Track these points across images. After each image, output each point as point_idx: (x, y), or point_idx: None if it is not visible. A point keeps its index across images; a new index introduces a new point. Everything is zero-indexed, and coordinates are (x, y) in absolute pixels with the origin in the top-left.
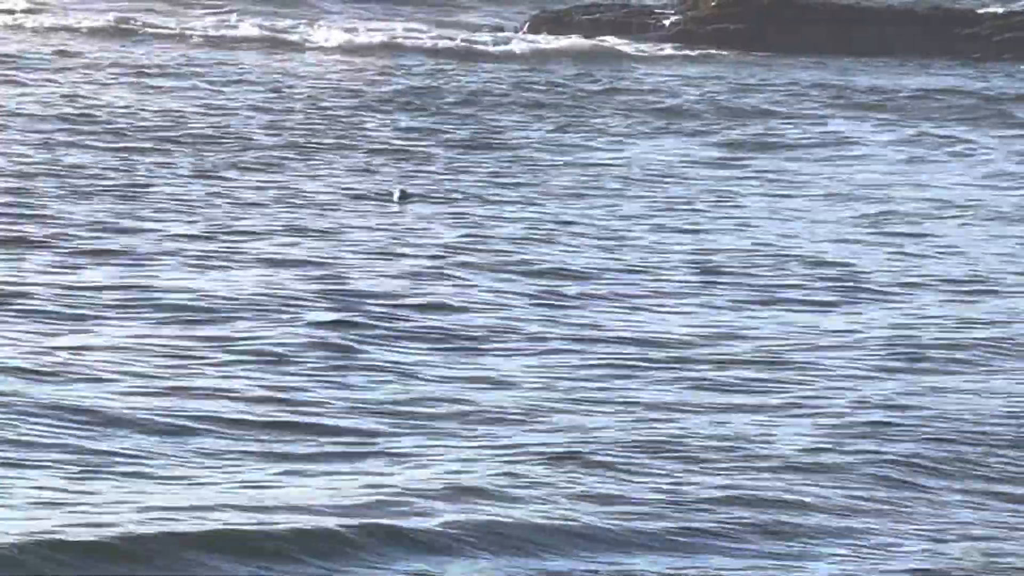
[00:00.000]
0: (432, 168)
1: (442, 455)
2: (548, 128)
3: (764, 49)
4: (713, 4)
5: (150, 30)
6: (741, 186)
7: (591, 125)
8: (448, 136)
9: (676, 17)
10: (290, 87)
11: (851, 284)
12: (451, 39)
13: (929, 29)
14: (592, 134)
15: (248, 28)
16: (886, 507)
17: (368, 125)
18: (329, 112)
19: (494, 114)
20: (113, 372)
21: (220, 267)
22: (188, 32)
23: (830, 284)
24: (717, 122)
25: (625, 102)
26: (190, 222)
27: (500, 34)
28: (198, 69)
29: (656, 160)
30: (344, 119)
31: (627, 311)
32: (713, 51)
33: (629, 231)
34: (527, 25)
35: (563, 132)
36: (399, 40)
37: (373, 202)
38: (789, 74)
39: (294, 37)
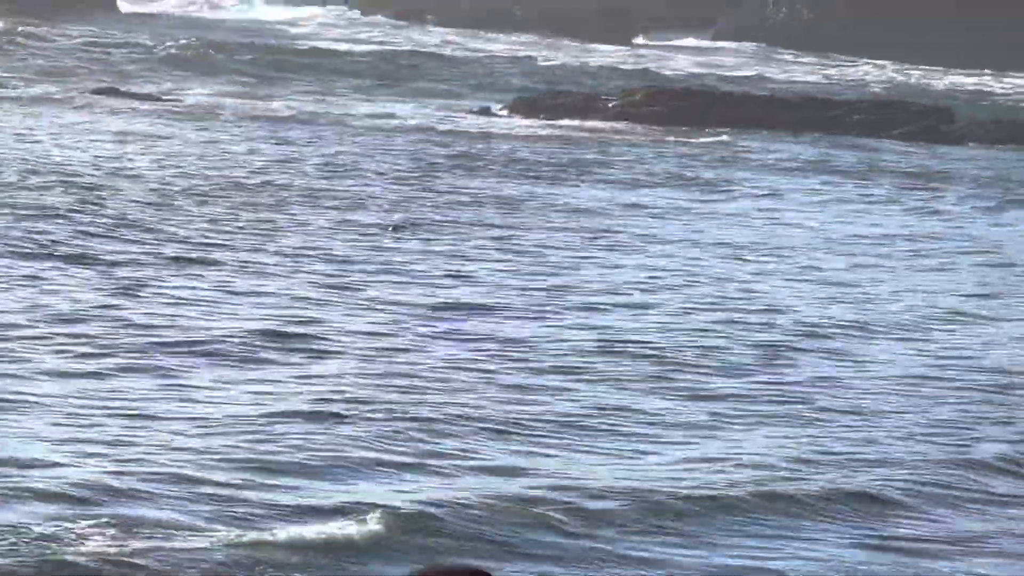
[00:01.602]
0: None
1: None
2: (522, 183)
3: (679, 124)
4: (641, 94)
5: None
6: (661, 221)
7: (550, 181)
8: (443, 188)
9: (616, 102)
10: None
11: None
12: (446, 118)
13: (805, 112)
14: (551, 187)
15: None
16: None
17: (376, 180)
18: (337, 171)
19: (478, 173)
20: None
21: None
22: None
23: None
24: (636, 172)
25: (577, 163)
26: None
27: (484, 115)
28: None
29: (600, 203)
30: (352, 177)
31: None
32: (643, 127)
33: (583, 260)
34: (508, 108)
35: (533, 186)
36: (413, 118)
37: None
38: (689, 144)
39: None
